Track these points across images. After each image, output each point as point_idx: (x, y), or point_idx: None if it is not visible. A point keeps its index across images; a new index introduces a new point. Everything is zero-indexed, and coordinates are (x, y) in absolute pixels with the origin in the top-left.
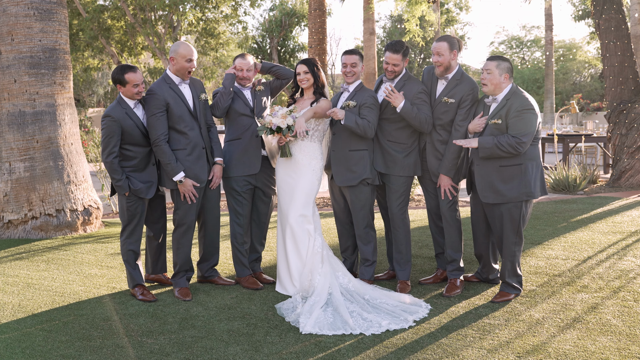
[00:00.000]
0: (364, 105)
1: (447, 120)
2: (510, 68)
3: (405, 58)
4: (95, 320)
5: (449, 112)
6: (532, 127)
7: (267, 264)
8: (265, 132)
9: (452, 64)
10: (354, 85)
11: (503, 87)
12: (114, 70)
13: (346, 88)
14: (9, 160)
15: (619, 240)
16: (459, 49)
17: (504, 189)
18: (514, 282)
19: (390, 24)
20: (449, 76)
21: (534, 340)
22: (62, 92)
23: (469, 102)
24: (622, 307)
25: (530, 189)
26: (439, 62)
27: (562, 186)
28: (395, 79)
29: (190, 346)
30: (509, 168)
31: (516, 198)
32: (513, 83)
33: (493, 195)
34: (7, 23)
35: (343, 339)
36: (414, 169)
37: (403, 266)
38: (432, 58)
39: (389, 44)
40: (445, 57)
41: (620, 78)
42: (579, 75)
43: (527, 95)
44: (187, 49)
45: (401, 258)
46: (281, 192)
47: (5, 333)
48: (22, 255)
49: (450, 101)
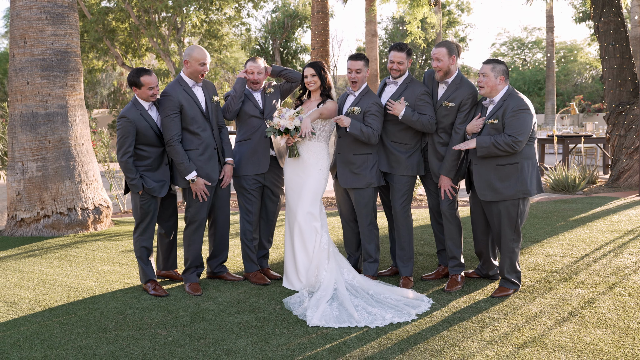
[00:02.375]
0: (369, 113)
1: (448, 124)
2: (505, 70)
3: (409, 57)
4: (109, 313)
5: (450, 115)
6: (528, 127)
7: (274, 260)
8: (274, 134)
9: (452, 68)
10: (360, 89)
11: (499, 89)
12: (130, 72)
13: (352, 92)
14: (22, 160)
15: (615, 239)
16: (457, 54)
17: (501, 187)
18: (512, 278)
19: (392, 26)
20: (448, 80)
21: (532, 332)
22: (73, 93)
23: (468, 106)
24: (617, 301)
25: (527, 186)
26: (439, 67)
27: (562, 186)
28: (399, 80)
29: (202, 338)
30: (506, 167)
31: (513, 196)
32: (509, 85)
33: (491, 194)
34: (20, 27)
35: (348, 331)
36: (417, 168)
37: (406, 263)
38: (432, 63)
39: (393, 45)
40: (445, 63)
41: (619, 80)
42: (580, 77)
43: (523, 96)
44: (200, 53)
45: (404, 255)
46: (289, 191)
47: (24, 326)
48: (35, 252)
49: (450, 105)
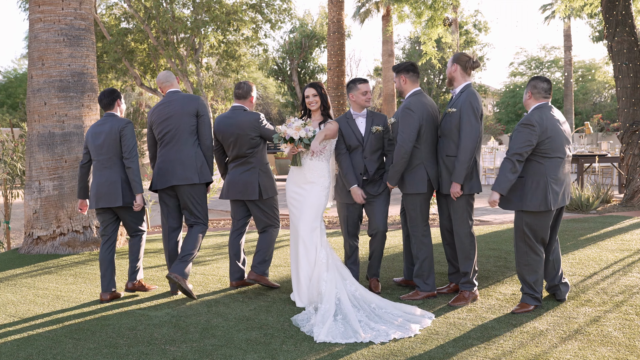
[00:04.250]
0: (387, 131)
1: (454, 131)
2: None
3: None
4: (121, 329)
5: (453, 121)
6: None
7: (285, 277)
8: (280, 141)
9: (455, 76)
10: (365, 110)
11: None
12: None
13: (360, 114)
14: (38, 179)
15: (625, 257)
16: (459, 62)
17: (512, 197)
18: (529, 291)
19: (410, 46)
20: (456, 90)
21: (536, 350)
22: (89, 114)
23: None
24: (623, 320)
25: (527, 201)
26: (447, 75)
27: (575, 205)
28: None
29: (211, 354)
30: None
31: (517, 207)
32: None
33: (504, 204)
34: (38, 49)
35: (355, 348)
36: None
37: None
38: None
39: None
40: (449, 70)
41: (632, 99)
42: (599, 96)
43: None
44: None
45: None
46: (291, 208)
47: (37, 341)
48: (50, 269)
49: (451, 110)
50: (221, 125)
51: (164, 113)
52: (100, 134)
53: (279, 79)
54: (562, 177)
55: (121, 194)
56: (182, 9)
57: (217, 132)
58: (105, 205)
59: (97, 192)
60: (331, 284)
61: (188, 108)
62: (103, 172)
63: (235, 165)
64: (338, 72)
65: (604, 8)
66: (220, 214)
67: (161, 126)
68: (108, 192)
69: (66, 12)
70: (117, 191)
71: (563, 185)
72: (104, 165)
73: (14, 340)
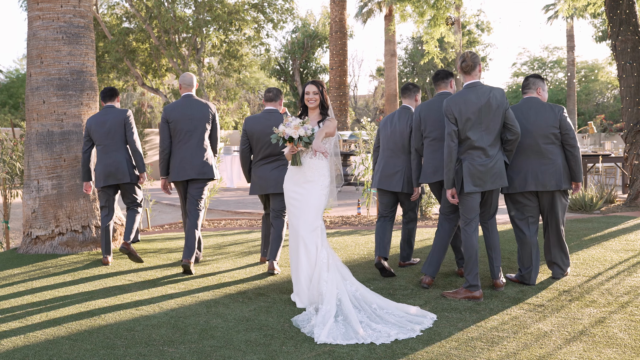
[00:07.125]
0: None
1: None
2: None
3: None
4: (119, 330)
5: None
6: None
7: (285, 278)
8: (279, 141)
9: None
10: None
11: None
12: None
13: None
14: (37, 178)
15: (630, 258)
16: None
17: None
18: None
19: (412, 46)
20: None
21: (541, 351)
22: (88, 112)
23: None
24: (629, 321)
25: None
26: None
27: (579, 205)
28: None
29: (210, 355)
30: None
31: None
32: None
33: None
34: (36, 47)
35: (355, 349)
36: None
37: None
38: None
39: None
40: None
41: (636, 99)
42: (602, 96)
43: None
44: None
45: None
46: (290, 208)
47: (34, 341)
48: (49, 269)
49: None
50: (257, 126)
51: (186, 113)
52: (105, 122)
53: (281, 79)
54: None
55: (128, 172)
56: (183, 8)
57: (252, 133)
58: (115, 182)
59: (105, 172)
60: (332, 284)
61: (206, 113)
62: (110, 154)
63: (264, 162)
64: (340, 72)
65: (608, 7)
66: (220, 214)
67: (180, 124)
68: (116, 171)
69: (65, 9)
70: (124, 170)
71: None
72: (110, 149)
73: (10, 340)
